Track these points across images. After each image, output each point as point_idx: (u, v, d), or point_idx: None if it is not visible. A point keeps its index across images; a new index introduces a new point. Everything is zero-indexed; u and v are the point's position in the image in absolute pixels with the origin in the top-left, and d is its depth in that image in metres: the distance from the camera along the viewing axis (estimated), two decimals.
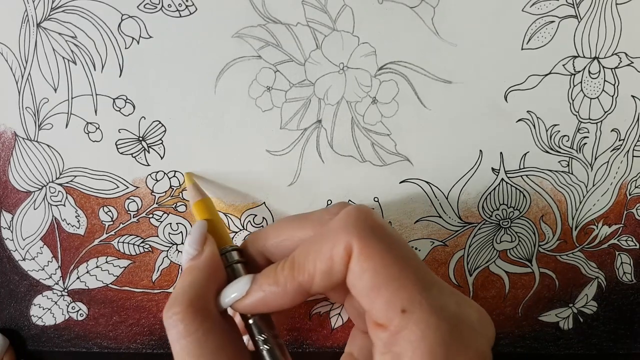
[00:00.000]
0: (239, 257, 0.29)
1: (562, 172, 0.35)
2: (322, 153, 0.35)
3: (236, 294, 0.26)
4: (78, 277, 0.37)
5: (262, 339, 0.26)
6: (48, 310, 0.37)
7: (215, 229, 0.30)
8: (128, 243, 0.36)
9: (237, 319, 0.28)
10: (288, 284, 0.25)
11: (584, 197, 0.36)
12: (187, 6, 0.33)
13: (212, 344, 0.25)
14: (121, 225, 0.36)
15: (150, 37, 0.33)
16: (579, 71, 0.34)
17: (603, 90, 0.34)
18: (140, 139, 0.34)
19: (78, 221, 0.36)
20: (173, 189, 0.35)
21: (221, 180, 0.35)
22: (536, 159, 0.35)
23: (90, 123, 0.34)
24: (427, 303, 0.22)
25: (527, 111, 0.34)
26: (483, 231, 0.36)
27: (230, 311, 0.28)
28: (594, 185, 0.35)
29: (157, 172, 0.35)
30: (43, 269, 0.36)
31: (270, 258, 0.29)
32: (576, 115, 0.34)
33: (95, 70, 0.33)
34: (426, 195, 0.35)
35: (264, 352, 0.26)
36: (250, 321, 0.27)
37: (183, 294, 0.26)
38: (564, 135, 0.35)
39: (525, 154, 0.35)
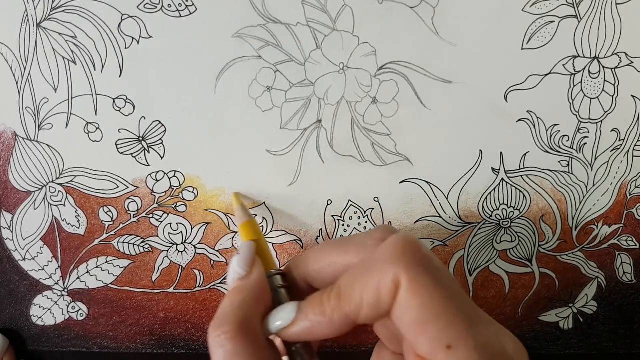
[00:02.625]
0: (283, 282, 0.29)
1: (562, 172, 0.35)
2: (322, 153, 0.35)
3: (281, 321, 0.26)
4: (78, 277, 0.37)
5: None
6: (48, 310, 0.37)
7: (261, 252, 0.30)
8: (128, 243, 0.36)
9: (278, 342, 0.28)
10: (335, 315, 0.24)
11: (584, 197, 0.36)
12: (187, 6, 0.33)
13: None
14: (121, 225, 0.36)
15: (150, 37, 0.33)
16: (579, 71, 0.34)
17: (603, 90, 0.34)
18: (140, 139, 0.34)
19: (78, 221, 0.36)
20: (173, 189, 0.35)
21: (221, 180, 0.35)
22: (536, 159, 0.35)
23: (90, 123, 0.34)
24: (472, 340, 0.22)
25: (527, 111, 0.34)
26: (483, 231, 0.36)
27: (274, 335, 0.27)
28: (594, 185, 0.35)
29: (157, 172, 0.35)
30: (43, 269, 0.36)
31: (312, 283, 0.29)
32: (576, 115, 0.34)
33: (95, 70, 0.33)
34: (426, 195, 0.35)
35: None
36: (294, 348, 0.27)
37: (233, 314, 0.25)
38: (564, 135, 0.35)
39: (525, 154, 0.35)
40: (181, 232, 0.36)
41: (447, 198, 0.35)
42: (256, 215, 0.35)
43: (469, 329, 0.22)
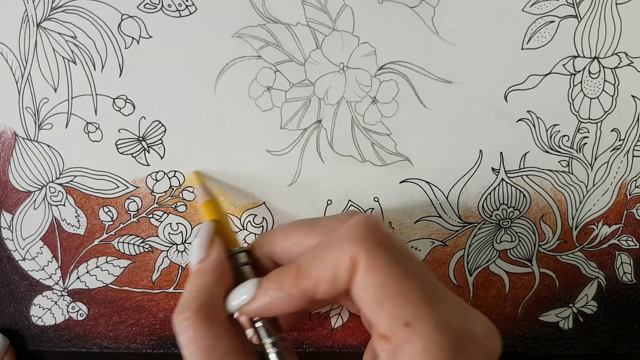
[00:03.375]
0: (247, 259, 0.29)
1: (562, 172, 0.35)
2: (322, 153, 0.35)
3: (244, 297, 0.26)
4: (78, 277, 0.37)
5: (270, 342, 0.27)
6: (48, 310, 0.37)
7: (222, 230, 0.30)
8: (128, 243, 0.36)
9: (243, 320, 0.29)
10: (293, 290, 0.25)
11: (584, 197, 0.36)
12: (187, 6, 0.33)
13: (221, 349, 0.25)
14: (121, 225, 0.36)
15: (150, 37, 0.33)
16: (579, 71, 0.34)
17: (603, 90, 0.34)
18: (140, 139, 0.34)
19: (78, 221, 0.36)
20: (173, 189, 0.35)
21: (221, 180, 0.35)
22: (536, 159, 0.35)
23: (90, 123, 0.34)
24: (431, 317, 0.22)
25: (527, 111, 0.34)
26: (483, 231, 0.36)
27: (236, 313, 0.28)
28: (594, 185, 0.35)
29: (157, 172, 0.35)
30: (43, 269, 0.36)
31: (278, 262, 0.29)
32: (576, 115, 0.34)
33: (95, 70, 0.33)
34: (426, 195, 0.35)
35: (272, 356, 0.26)
36: (258, 324, 0.27)
37: (193, 299, 0.26)
38: (564, 135, 0.35)
39: (525, 154, 0.35)
40: (181, 232, 0.36)
41: (447, 198, 0.35)
42: (256, 212, 0.35)
43: (428, 306, 0.22)
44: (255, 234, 0.36)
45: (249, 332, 0.28)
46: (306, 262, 0.25)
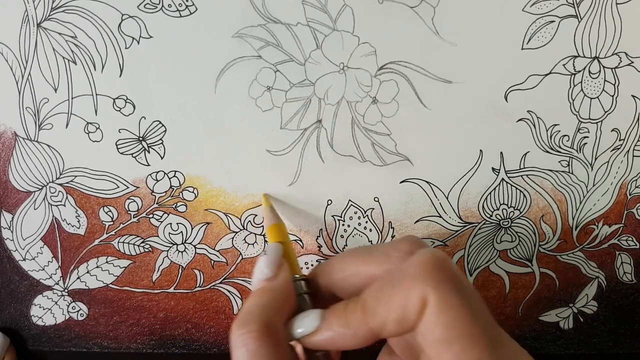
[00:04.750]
0: (306, 288, 0.29)
1: (562, 172, 0.35)
2: (322, 153, 0.35)
3: (304, 328, 0.26)
4: (78, 277, 0.37)
5: None
6: (48, 310, 0.37)
7: (287, 256, 0.30)
8: (128, 243, 0.36)
9: (298, 349, 0.28)
10: (359, 328, 0.24)
11: (584, 197, 0.36)
12: (187, 6, 0.33)
13: None
14: (121, 225, 0.36)
15: (150, 37, 0.33)
16: (579, 71, 0.34)
17: (603, 90, 0.34)
18: (140, 139, 0.34)
19: (78, 221, 0.36)
20: (173, 189, 0.35)
21: (221, 180, 0.35)
22: (536, 158, 0.35)
23: (91, 123, 0.34)
24: None
25: (528, 111, 0.34)
26: (483, 231, 0.36)
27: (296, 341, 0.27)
28: (594, 185, 0.35)
29: (157, 172, 0.35)
30: (43, 269, 0.36)
31: (335, 292, 0.29)
32: (576, 115, 0.34)
33: (95, 70, 0.33)
34: (426, 195, 0.35)
35: None
36: (315, 355, 0.27)
37: (258, 313, 0.25)
38: (564, 135, 0.35)
39: (526, 154, 0.35)
40: (181, 232, 0.36)
41: (447, 198, 0.35)
42: (256, 212, 0.35)
43: (492, 350, 0.22)
44: (255, 234, 0.36)
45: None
46: (373, 300, 0.25)
